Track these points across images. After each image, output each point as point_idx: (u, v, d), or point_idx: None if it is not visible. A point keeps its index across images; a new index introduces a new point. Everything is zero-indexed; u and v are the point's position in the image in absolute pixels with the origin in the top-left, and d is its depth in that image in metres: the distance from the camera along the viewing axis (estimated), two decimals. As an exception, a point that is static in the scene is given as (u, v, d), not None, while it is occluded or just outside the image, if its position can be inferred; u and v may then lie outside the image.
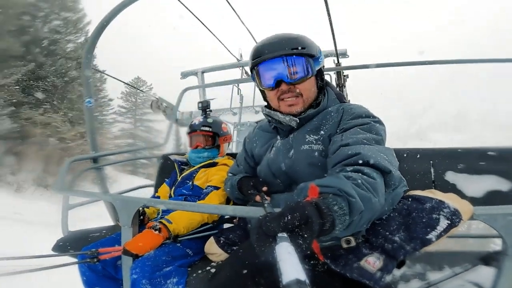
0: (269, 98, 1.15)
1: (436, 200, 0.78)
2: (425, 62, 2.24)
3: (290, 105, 1.09)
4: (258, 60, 1.06)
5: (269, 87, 1.09)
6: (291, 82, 1.05)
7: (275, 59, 1.04)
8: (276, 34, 1.10)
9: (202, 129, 1.76)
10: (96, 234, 1.56)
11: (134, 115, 25.75)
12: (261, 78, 1.10)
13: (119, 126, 24.63)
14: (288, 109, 1.10)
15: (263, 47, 1.06)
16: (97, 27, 1.87)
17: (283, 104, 1.10)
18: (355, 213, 0.62)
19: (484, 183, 1.39)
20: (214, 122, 1.80)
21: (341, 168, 0.78)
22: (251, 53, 1.11)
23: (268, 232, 0.48)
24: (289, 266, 0.39)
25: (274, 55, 1.03)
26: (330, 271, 0.83)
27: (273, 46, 1.04)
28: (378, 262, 0.77)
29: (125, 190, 2.18)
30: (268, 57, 1.04)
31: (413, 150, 1.57)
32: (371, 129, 0.94)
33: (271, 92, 1.10)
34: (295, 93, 1.07)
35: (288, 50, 1.03)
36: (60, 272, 1.21)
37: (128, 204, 1.07)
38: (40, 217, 8.29)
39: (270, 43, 1.06)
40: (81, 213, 1.90)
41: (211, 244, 1.31)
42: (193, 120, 1.84)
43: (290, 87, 1.06)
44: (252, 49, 1.11)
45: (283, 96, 1.08)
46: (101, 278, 1.32)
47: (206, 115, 1.86)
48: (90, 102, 2.02)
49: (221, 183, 1.53)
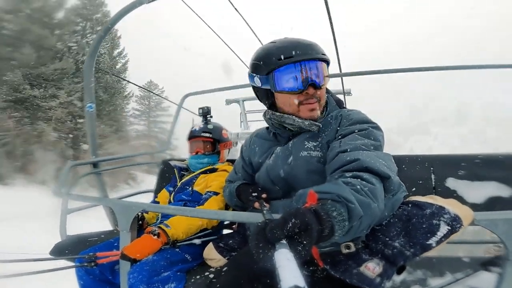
0: (286, 102, 1.09)
1: (437, 205, 0.78)
2: (421, 69, 2.27)
3: (312, 109, 1.07)
4: (288, 60, 1.02)
5: (293, 90, 1.05)
6: (320, 86, 1.05)
7: (310, 61, 1.03)
8: (289, 37, 1.10)
9: (202, 135, 1.76)
10: (94, 239, 1.55)
11: (148, 117, 27.24)
12: (282, 80, 1.05)
13: (134, 128, 26.28)
14: (309, 114, 1.07)
15: (291, 48, 1.03)
16: (99, 34, 1.90)
17: (305, 109, 1.06)
18: (354, 219, 0.61)
19: (485, 190, 1.38)
20: (215, 128, 1.79)
21: (340, 174, 0.78)
22: (272, 52, 1.06)
23: (268, 239, 0.48)
24: (288, 272, 0.39)
25: (310, 57, 1.02)
26: (329, 277, 0.82)
27: (304, 48, 1.03)
28: (377, 268, 0.76)
29: (124, 195, 2.17)
30: (302, 59, 1.02)
31: (414, 156, 1.57)
32: (370, 135, 0.94)
33: (292, 96, 1.06)
34: (316, 98, 1.07)
35: (319, 54, 1.04)
36: (57, 276, 1.20)
37: (127, 209, 1.07)
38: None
39: (299, 44, 1.04)
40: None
41: (210, 250, 1.30)
42: (193, 126, 1.83)
43: (315, 92, 1.05)
44: (270, 50, 1.07)
45: (308, 100, 1.06)
46: (98, 282, 1.31)
47: (207, 121, 1.85)
48: (92, 107, 2.03)
49: (221, 188, 1.52)
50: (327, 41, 2.22)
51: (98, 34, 1.93)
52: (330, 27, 2.21)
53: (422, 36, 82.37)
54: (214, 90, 2.86)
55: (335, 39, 2.40)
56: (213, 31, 3.83)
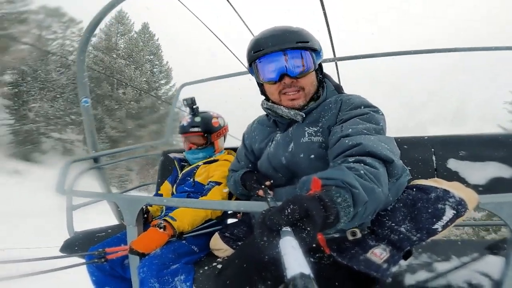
0: (269, 92, 1.13)
1: (441, 189, 0.78)
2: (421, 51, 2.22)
3: (292, 99, 1.08)
4: (260, 53, 1.04)
5: (270, 80, 1.07)
6: (295, 75, 1.04)
7: (279, 52, 1.01)
8: (275, 26, 1.08)
9: (191, 131, 1.69)
10: (102, 234, 1.57)
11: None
12: (261, 71, 1.08)
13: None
14: (290, 103, 1.09)
15: (266, 39, 1.03)
16: (88, 28, 1.84)
17: (285, 98, 1.08)
18: (359, 205, 0.61)
19: (487, 170, 1.39)
20: (203, 119, 1.70)
21: (343, 159, 0.78)
22: (251, 45, 1.08)
23: (271, 226, 0.48)
24: (293, 260, 0.38)
25: (279, 48, 1.01)
26: (336, 264, 0.83)
27: (277, 38, 1.02)
28: (384, 254, 0.77)
29: (127, 189, 2.18)
30: (272, 50, 1.02)
31: (415, 138, 1.57)
32: (371, 119, 0.93)
33: (272, 86, 1.09)
34: (297, 88, 1.06)
35: (293, 43, 1.01)
36: (69, 273, 1.22)
37: (131, 203, 1.07)
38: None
39: (273, 35, 1.03)
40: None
41: (216, 240, 1.32)
42: (182, 121, 1.75)
43: (292, 81, 1.05)
44: (252, 41, 1.08)
45: (285, 90, 1.07)
46: (110, 277, 1.33)
47: (195, 113, 1.75)
48: (87, 101, 2.00)
49: (223, 178, 1.53)
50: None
51: (87, 29, 1.87)
52: (322, 13, 2.14)
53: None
54: (211, 79, 2.80)
55: (328, 23, 2.33)
56: (211, 31, 3.71)
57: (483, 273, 0.87)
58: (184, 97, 1.81)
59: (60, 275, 1.11)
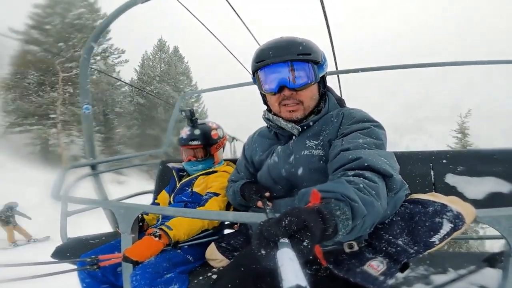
0: (270, 103, 1.14)
1: (439, 203, 0.78)
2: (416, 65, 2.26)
3: (291, 111, 1.08)
4: (261, 63, 1.05)
5: (271, 91, 1.07)
6: (294, 88, 1.04)
7: (280, 63, 1.02)
8: (281, 37, 1.09)
9: (191, 144, 1.68)
10: (96, 241, 1.54)
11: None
12: (263, 82, 1.09)
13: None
14: (289, 115, 1.09)
15: (268, 50, 1.04)
16: (94, 33, 1.88)
17: (284, 110, 1.09)
18: (358, 218, 0.61)
19: (484, 185, 1.39)
20: (202, 132, 1.70)
21: (343, 173, 0.78)
22: (254, 55, 1.09)
23: (268, 237, 0.48)
24: (290, 272, 0.39)
25: (280, 59, 1.02)
26: (333, 276, 0.82)
27: (278, 50, 1.02)
28: (381, 266, 0.77)
29: (124, 197, 2.16)
30: (273, 61, 1.02)
31: (413, 153, 1.58)
32: (371, 133, 0.94)
33: (272, 97, 1.09)
34: (296, 100, 1.06)
35: (293, 55, 1.01)
36: (59, 279, 1.19)
37: (127, 211, 1.06)
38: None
39: (276, 46, 1.04)
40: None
41: (212, 250, 1.30)
42: (181, 133, 1.74)
43: (292, 93, 1.05)
44: (256, 51, 1.09)
45: (285, 102, 1.07)
46: (101, 285, 1.30)
47: (194, 125, 1.73)
48: (88, 108, 2.00)
49: (221, 189, 1.52)
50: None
51: (92, 35, 1.91)
52: (326, 25, 2.20)
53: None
54: (211, 89, 2.83)
55: (330, 37, 2.39)
56: (214, 35, 3.79)
57: (480, 286, 0.86)
58: (183, 108, 1.82)
59: (49, 279, 1.08)
